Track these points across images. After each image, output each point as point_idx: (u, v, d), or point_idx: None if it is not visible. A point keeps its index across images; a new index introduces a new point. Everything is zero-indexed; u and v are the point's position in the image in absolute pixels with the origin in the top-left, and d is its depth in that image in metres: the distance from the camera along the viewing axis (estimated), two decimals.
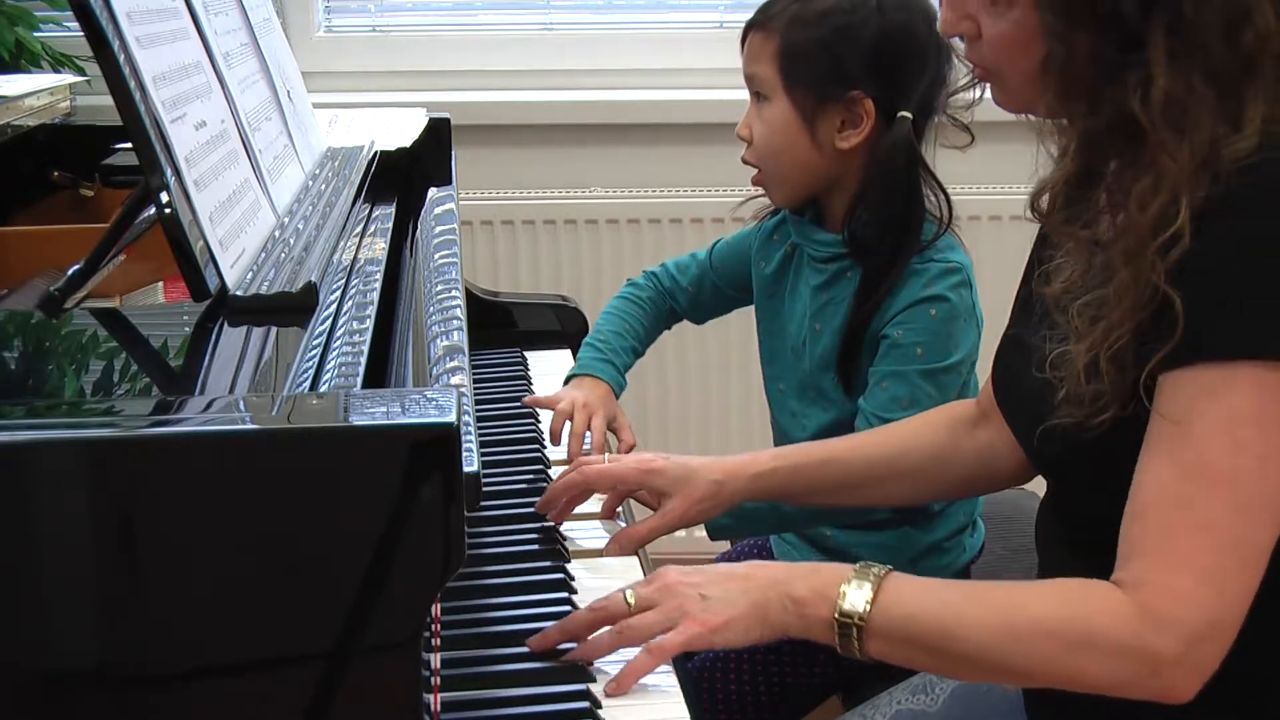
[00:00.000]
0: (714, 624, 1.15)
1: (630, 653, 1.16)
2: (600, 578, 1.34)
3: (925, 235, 1.61)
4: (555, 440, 1.65)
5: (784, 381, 1.73)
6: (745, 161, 1.70)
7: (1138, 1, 1.06)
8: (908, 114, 1.60)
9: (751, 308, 1.81)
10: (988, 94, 1.26)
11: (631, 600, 1.18)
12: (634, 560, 1.40)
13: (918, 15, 1.62)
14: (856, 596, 1.14)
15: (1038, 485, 1.47)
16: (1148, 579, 1.06)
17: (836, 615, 1.13)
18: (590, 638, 1.17)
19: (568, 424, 1.65)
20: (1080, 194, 1.17)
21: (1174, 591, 1.05)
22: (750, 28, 1.67)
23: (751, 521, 1.58)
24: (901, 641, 1.13)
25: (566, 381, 1.75)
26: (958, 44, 1.26)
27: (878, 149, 1.61)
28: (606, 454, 1.49)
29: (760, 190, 1.73)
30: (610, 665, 1.17)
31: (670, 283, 1.87)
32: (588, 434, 1.63)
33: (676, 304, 1.87)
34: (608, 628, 1.17)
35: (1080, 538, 1.22)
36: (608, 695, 1.13)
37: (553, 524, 1.43)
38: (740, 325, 1.96)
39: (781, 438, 1.75)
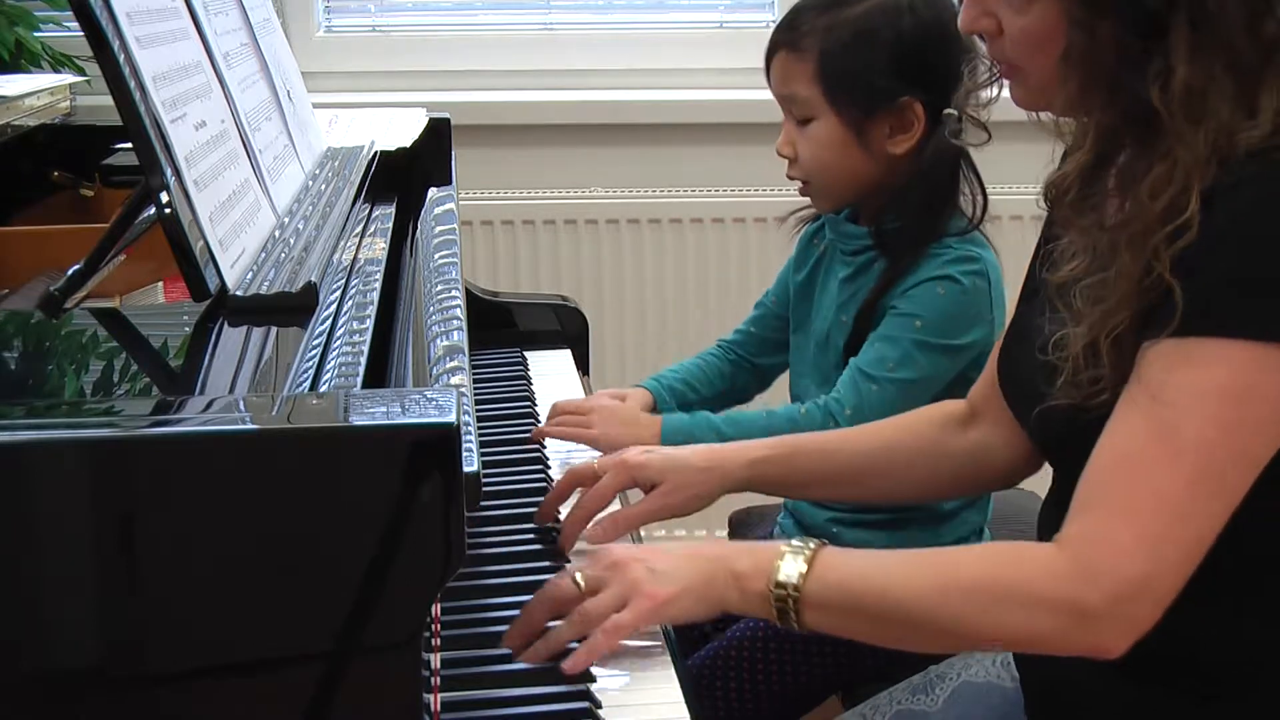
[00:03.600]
0: (664, 596, 1.15)
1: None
2: None
3: (952, 230, 1.62)
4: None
5: (808, 377, 1.73)
6: (791, 178, 1.69)
7: None
8: (954, 111, 1.61)
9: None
10: (1004, 93, 1.27)
11: (582, 583, 1.18)
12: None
13: (946, 10, 1.63)
14: (790, 568, 1.14)
15: (1037, 485, 1.47)
16: (1087, 532, 1.07)
17: (771, 587, 1.14)
18: (551, 634, 1.16)
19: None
20: (1091, 184, 1.18)
21: (1111, 544, 1.06)
22: (777, 48, 1.66)
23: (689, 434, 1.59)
24: (837, 609, 1.14)
25: None
26: (979, 41, 1.25)
27: (926, 148, 1.62)
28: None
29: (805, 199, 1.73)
30: (614, 661, 1.17)
31: (733, 335, 1.87)
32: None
33: (738, 350, 1.85)
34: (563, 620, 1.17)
35: None
36: (565, 672, 1.13)
37: (552, 524, 1.43)
38: None
39: None
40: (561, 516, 1.43)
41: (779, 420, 1.61)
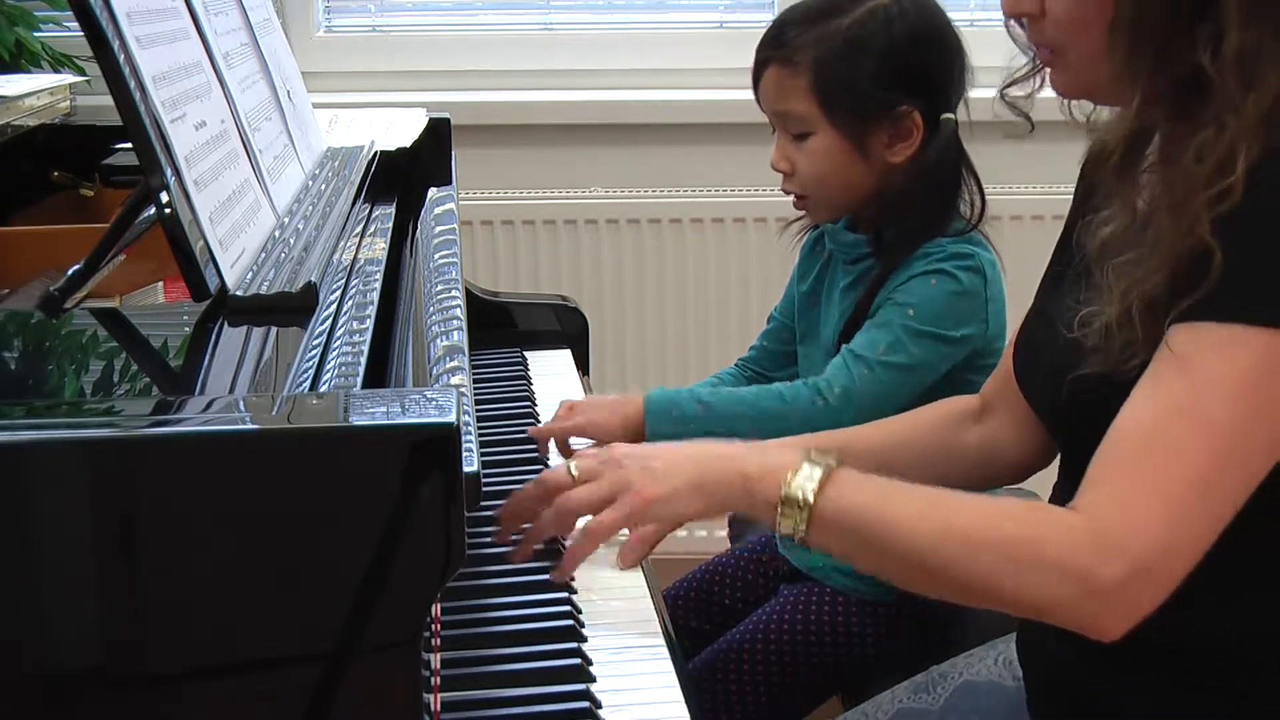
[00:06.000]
0: (654, 495, 1.14)
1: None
2: (600, 578, 1.34)
3: (950, 233, 1.62)
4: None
5: None
6: (787, 191, 1.68)
7: None
8: (951, 115, 1.61)
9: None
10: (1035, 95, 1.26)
11: (575, 472, 1.16)
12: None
13: (935, 14, 1.63)
14: (804, 481, 1.13)
15: (1037, 485, 1.47)
16: (1109, 503, 1.06)
17: (782, 495, 1.13)
18: (533, 525, 1.15)
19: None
20: (1134, 153, 1.17)
21: (1130, 518, 1.05)
22: (766, 63, 1.65)
23: (680, 421, 1.58)
24: (843, 533, 1.13)
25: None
26: (1015, 26, 1.23)
27: (926, 154, 1.61)
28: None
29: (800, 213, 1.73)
30: (614, 661, 1.17)
31: (748, 352, 1.86)
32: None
33: (753, 367, 1.84)
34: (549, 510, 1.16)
35: None
36: (552, 579, 1.12)
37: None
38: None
39: None
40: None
41: (766, 396, 1.60)
